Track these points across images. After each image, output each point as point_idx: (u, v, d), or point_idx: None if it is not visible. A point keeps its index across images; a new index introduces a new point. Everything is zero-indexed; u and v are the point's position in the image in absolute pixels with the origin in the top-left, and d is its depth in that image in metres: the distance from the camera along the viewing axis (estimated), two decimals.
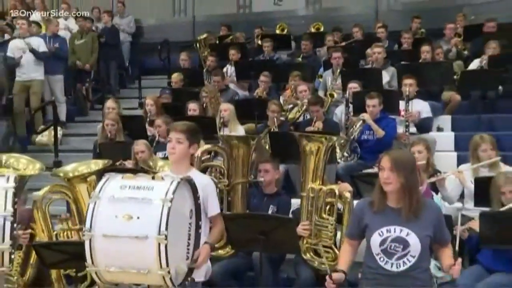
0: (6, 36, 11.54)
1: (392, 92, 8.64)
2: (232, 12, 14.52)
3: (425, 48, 9.70)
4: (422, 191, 5.68)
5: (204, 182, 4.36)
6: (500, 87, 9.14)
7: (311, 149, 5.66)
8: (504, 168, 6.25)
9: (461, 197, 6.45)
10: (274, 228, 5.03)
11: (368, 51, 10.03)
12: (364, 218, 3.99)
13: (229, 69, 10.75)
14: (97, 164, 5.81)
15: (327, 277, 3.93)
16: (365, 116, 7.67)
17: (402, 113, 8.14)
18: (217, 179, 6.08)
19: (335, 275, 3.94)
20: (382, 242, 3.86)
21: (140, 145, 7.03)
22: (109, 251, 3.78)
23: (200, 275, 4.42)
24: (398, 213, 3.87)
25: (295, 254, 5.71)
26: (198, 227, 4.19)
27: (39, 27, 11.82)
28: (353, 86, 8.57)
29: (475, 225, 5.17)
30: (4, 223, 4.40)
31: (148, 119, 8.43)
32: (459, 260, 3.88)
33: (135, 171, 4.53)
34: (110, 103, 8.95)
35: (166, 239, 3.63)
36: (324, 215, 5.55)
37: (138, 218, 3.69)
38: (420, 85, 8.51)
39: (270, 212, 5.98)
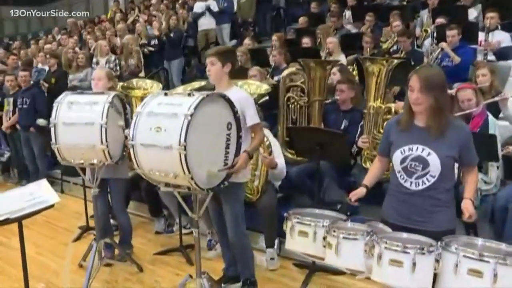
0: None
1: (472, 24, 6.72)
2: None
3: None
4: (478, 112, 4.19)
5: (240, 97, 3.28)
6: None
7: (373, 71, 4.28)
8: None
9: None
10: (328, 140, 3.87)
11: None
12: (390, 135, 2.70)
13: (347, 13, 9.15)
14: (199, 84, 4.87)
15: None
16: (443, 44, 6.13)
17: (483, 43, 6.35)
18: (298, 97, 4.92)
19: (354, 192, 2.79)
20: (403, 160, 2.57)
21: (252, 71, 5.94)
22: (148, 157, 2.94)
23: (243, 177, 3.42)
24: (424, 132, 2.55)
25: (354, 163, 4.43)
26: (238, 137, 3.17)
27: None
28: (440, 21, 6.78)
29: None
30: (101, 129, 3.65)
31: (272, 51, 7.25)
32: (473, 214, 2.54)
33: None
34: (246, 40, 8.04)
35: (185, 149, 2.70)
36: (381, 130, 4.22)
37: (165, 130, 2.80)
38: (504, 18, 6.65)
39: (343, 126, 4.71)
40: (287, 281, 4.00)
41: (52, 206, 2.96)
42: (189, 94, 2.98)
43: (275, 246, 4.23)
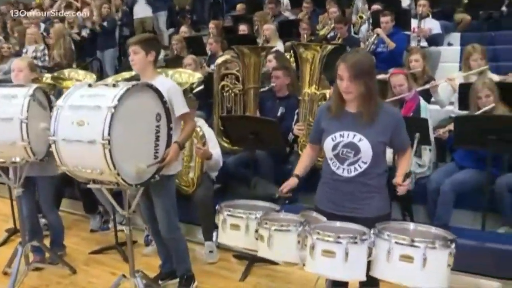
0: None
1: (405, 11, 6.91)
2: None
3: None
4: (410, 97, 4.25)
5: (168, 86, 3.16)
6: (503, 8, 7.29)
7: (307, 57, 4.23)
8: (491, 76, 4.60)
9: None
10: (261, 129, 3.80)
11: None
12: (322, 122, 2.62)
13: (285, 0, 9.07)
14: (130, 74, 4.64)
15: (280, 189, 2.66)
16: (378, 30, 6.27)
17: (416, 29, 6.58)
18: (232, 85, 4.84)
19: (286, 184, 2.66)
20: (335, 147, 2.50)
21: (188, 59, 5.78)
22: (71, 154, 2.76)
23: (173, 170, 3.28)
24: (355, 118, 2.49)
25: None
26: (169, 128, 3.04)
27: None
28: (375, 7, 6.96)
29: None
30: (21, 125, 3.36)
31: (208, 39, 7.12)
32: (407, 181, 2.48)
33: None
34: (182, 28, 7.85)
35: (109, 144, 2.55)
36: None
37: (88, 124, 2.62)
38: (434, 6, 6.96)
39: (279, 113, 4.66)
40: (226, 274, 3.93)
41: None
42: (114, 85, 2.81)
43: (214, 239, 4.13)
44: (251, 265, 3.88)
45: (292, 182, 2.67)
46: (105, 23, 8.37)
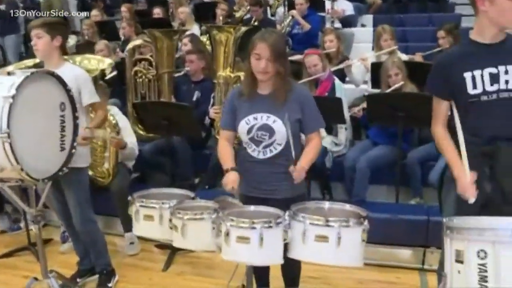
0: None
1: None
2: None
3: None
4: (325, 77, 4.30)
5: (75, 74, 3.01)
6: None
7: (221, 39, 4.17)
8: (400, 55, 4.78)
9: None
10: (174, 114, 3.72)
11: None
12: (234, 106, 2.54)
13: None
14: (34, 61, 4.31)
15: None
16: (293, 12, 6.31)
17: (330, 11, 6.73)
18: (146, 70, 4.68)
19: (232, 180, 2.40)
20: (249, 130, 2.45)
21: (100, 45, 5.51)
22: None
23: (83, 162, 3.14)
24: (268, 99, 2.45)
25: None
26: (75, 118, 2.84)
27: None
28: None
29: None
30: None
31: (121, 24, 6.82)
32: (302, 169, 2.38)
33: None
34: (93, 12, 7.47)
35: (9, 137, 2.33)
36: None
37: None
38: None
39: (195, 97, 4.58)
40: (149, 265, 3.82)
41: None
42: (9, 73, 2.60)
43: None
44: (174, 254, 3.81)
45: (233, 176, 2.43)
46: (1, 6, 7.69)
